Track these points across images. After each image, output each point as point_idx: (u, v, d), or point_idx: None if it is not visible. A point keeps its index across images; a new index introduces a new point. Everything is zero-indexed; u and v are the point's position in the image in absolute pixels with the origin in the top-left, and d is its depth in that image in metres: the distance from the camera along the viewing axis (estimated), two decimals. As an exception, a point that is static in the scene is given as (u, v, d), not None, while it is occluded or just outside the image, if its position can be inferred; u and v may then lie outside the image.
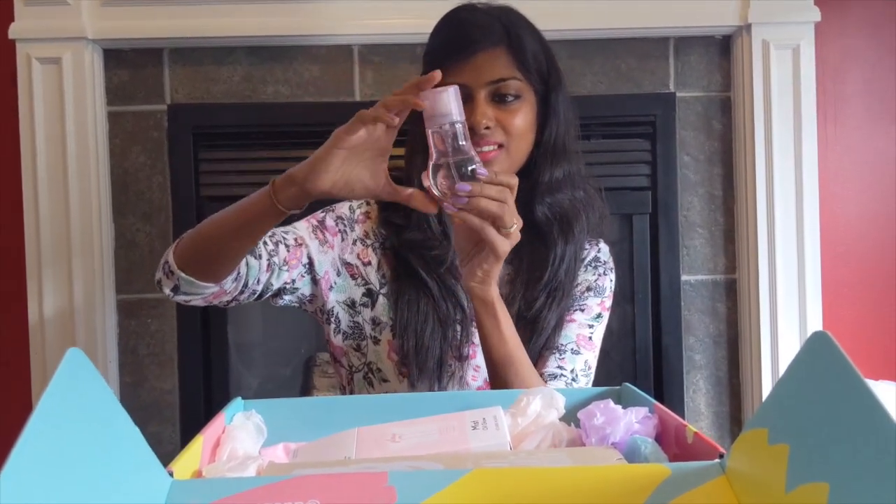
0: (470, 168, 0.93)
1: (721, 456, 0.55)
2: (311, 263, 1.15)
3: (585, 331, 1.18)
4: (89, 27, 1.69)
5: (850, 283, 1.84)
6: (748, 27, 1.72)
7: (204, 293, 1.05)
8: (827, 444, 0.43)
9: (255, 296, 1.12)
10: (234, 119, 1.76)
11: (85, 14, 1.69)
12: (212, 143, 1.78)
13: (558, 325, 1.16)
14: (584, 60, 1.77)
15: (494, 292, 1.04)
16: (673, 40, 1.78)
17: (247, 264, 1.05)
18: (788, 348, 1.74)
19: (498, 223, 0.96)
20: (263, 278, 1.09)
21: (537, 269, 1.17)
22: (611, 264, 1.25)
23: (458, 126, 0.92)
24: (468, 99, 1.11)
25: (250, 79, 1.76)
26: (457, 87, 0.93)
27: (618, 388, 0.83)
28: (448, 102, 0.92)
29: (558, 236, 1.17)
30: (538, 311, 1.14)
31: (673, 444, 0.67)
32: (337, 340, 1.20)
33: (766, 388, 1.74)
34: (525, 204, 1.16)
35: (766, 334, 1.75)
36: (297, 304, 1.20)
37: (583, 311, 1.19)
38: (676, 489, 0.51)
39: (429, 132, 0.93)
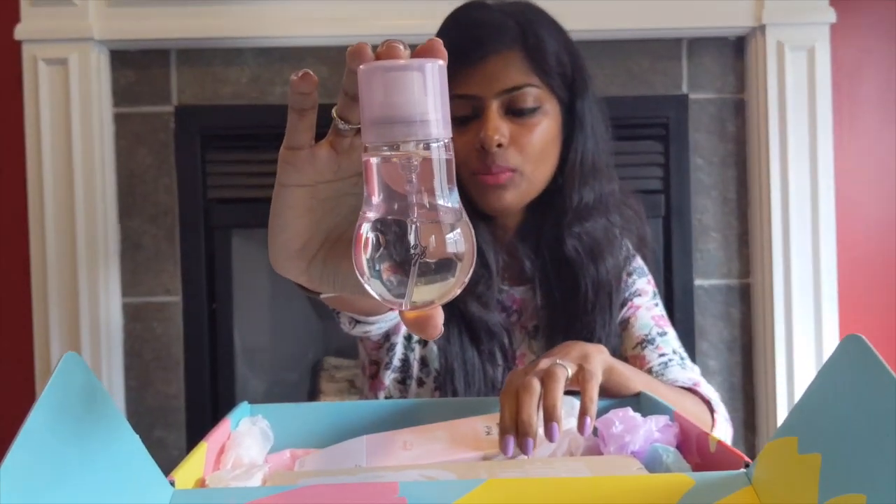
0: (448, 250, 0.43)
1: (746, 465, 0.52)
2: None
3: (655, 311, 1.09)
4: (96, 28, 1.67)
5: (867, 287, 1.82)
6: (762, 28, 1.70)
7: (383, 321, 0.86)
8: (862, 453, 0.41)
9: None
10: (241, 121, 1.75)
11: (91, 15, 1.68)
12: (219, 144, 1.76)
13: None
14: (594, 62, 1.74)
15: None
16: (686, 41, 1.76)
17: None
18: (803, 354, 1.71)
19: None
20: None
21: (569, 310, 1.02)
22: (631, 249, 1.14)
23: (438, 148, 0.43)
24: (478, 112, 0.96)
25: (258, 80, 1.74)
26: (441, 63, 0.43)
27: (636, 395, 0.80)
28: (411, 93, 0.42)
29: (589, 274, 1.02)
30: None
31: (695, 452, 0.64)
32: (385, 376, 1.06)
33: (781, 394, 1.71)
34: (553, 236, 1.03)
35: (780, 340, 1.72)
36: (377, 337, 1.02)
37: (640, 295, 1.09)
38: (701, 500, 0.49)
39: (366, 157, 0.44)
